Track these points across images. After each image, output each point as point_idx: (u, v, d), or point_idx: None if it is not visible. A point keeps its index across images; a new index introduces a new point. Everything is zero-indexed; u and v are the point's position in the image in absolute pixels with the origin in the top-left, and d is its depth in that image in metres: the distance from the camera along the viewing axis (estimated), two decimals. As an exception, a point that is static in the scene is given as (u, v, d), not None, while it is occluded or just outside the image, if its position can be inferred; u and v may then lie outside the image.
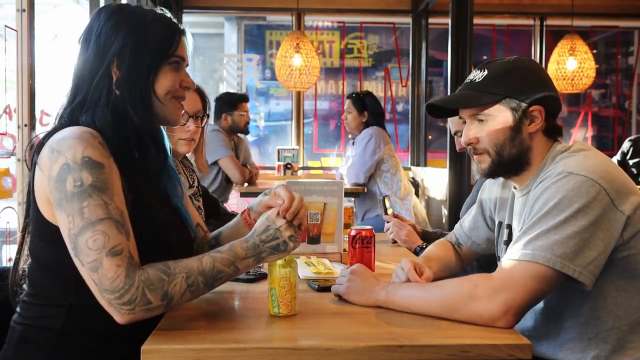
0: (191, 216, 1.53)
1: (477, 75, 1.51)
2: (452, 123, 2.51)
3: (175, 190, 1.49)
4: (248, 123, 4.54)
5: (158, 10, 1.38)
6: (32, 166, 1.31)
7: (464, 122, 1.55)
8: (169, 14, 1.39)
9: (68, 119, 1.32)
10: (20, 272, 1.38)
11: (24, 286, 1.37)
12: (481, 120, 1.49)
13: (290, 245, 1.31)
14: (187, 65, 1.44)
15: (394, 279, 1.49)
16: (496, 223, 1.70)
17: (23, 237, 1.38)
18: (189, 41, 1.42)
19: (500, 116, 1.47)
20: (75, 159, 1.21)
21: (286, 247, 1.31)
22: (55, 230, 1.24)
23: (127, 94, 1.32)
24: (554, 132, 1.51)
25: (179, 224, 1.47)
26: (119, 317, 1.18)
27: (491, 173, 1.52)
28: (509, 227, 1.61)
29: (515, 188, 1.57)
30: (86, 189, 1.19)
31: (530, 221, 1.35)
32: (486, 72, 1.50)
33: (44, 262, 1.32)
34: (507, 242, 1.60)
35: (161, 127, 1.49)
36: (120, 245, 1.18)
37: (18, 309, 1.35)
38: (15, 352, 1.31)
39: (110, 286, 1.16)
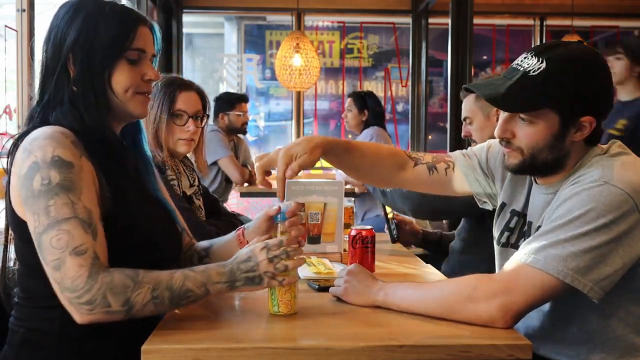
0: (175, 210, 1.52)
1: (533, 65, 1.34)
2: (464, 108, 2.41)
3: (155, 184, 1.48)
4: (246, 123, 4.52)
5: (118, 1, 1.34)
6: (9, 169, 1.30)
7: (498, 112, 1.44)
8: (129, 5, 1.36)
9: (39, 119, 1.31)
10: (9, 274, 1.37)
11: (16, 289, 1.36)
12: (523, 119, 1.36)
13: (264, 282, 1.27)
14: (154, 55, 1.39)
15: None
16: (499, 203, 1.61)
17: (7, 240, 1.36)
18: (156, 32, 1.38)
19: (547, 122, 1.34)
20: (45, 158, 1.20)
21: (261, 281, 1.27)
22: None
23: (81, 91, 1.30)
24: (595, 139, 1.39)
25: (164, 214, 1.47)
26: (78, 316, 1.17)
27: (518, 170, 1.43)
28: (517, 214, 1.54)
29: (536, 182, 1.49)
30: (53, 187, 1.18)
31: (550, 224, 1.29)
32: (544, 65, 1.32)
33: (27, 263, 1.31)
34: (511, 229, 1.54)
35: (140, 122, 1.47)
36: (84, 245, 1.17)
37: (14, 312, 1.35)
38: (17, 355, 1.31)
39: (72, 285, 1.15)
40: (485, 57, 6.87)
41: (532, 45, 6.39)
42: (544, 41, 6.34)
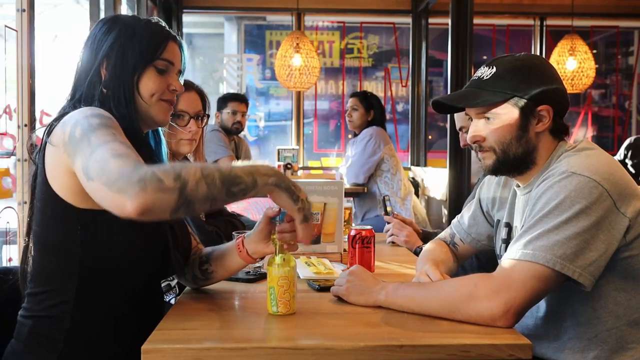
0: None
1: (485, 72, 1.50)
2: (457, 118, 2.48)
3: None
4: (238, 123, 4.49)
5: (153, 19, 1.45)
6: (40, 149, 1.34)
7: (470, 119, 1.55)
8: (162, 23, 1.46)
9: (71, 110, 1.35)
10: (30, 258, 1.38)
11: (29, 281, 1.37)
12: (488, 119, 1.48)
13: (300, 203, 1.25)
14: (180, 71, 1.48)
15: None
16: (495, 221, 1.69)
17: (30, 223, 1.38)
18: (184, 50, 1.48)
19: (508, 115, 1.45)
20: (85, 114, 1.26)
21: (297, 200, 1.24)
22: (65, 206, 1.28)
23: (111, 92, 1.37)
24: (560, 132, 1.50)
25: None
26: (130, 200, 1.07)
27: (495, 170, 1.51)
28: (508, 225, 1.60)
29: (518, 186, 1.56)
30: (93, 127, 1.22)
31: (531, 220, 1.35)
32: (494, 69, 1.48)
33: (48, 242, 1.33)
34: (506, 241, 1.59)
35: (159, 130, 1.53)
36: (127, 152, 1.16)
37: (24, 304, 1.36)
38: (26, 347, 1.32)
39: (119, 172, 1.10)
40: (485, 57, 6.87)
41: (532, 46, 6.42)
42: (544, 41, 6.36)
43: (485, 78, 1.49)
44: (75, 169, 1.21)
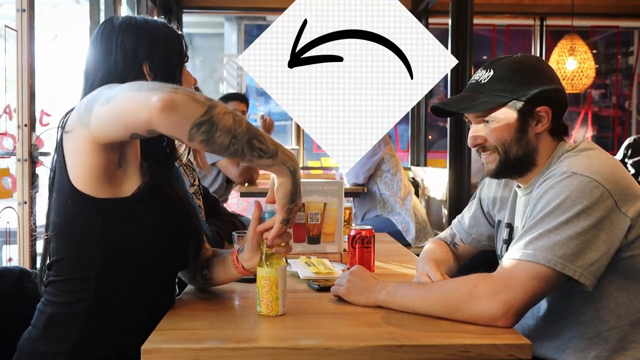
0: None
1: (482, 75, 1.50)
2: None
3: (184, 185, 1.55)
4: None
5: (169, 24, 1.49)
6: (57, 145, 1.33)
7: (470, 122, 1.55)
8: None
9: None
10: (50, 252, 1.38)
11: (50, 270, 1.38)
12: (487, 122, 1.48)
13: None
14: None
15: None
16: (496, 221, 1.69)
17: (48, 217, 1.37)
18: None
19: (507, 118, 1.46)
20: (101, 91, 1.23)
21: (294, 199, 1.27)
22: (84, 198, 1.27)
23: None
24: (560, 132, 1.50)
25: (193, 211, 1.51)
26: (159, 94, 1.09)
27: (498, 173, 1.51)
28: (509, 226, 1.60)
29: (518, 187, 1.57)
30: (110, 86, 1.21)
31: (532, 220, 1.35)
32: (492, 72, 1.48)
33: (70, 232, 1.33)
34: (507, 242, 1.59)
35: None
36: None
37: (45, 294, 1.37)
38: (42, 335, 1.33)
39: (152, 84, 1.14)
40: (485, 57, 6.87)
41: (532, 46, 6.42)
42: (544, 41, 6.36)
43: (483, 81, 1.49)
44: (93, 114, 1.18)
